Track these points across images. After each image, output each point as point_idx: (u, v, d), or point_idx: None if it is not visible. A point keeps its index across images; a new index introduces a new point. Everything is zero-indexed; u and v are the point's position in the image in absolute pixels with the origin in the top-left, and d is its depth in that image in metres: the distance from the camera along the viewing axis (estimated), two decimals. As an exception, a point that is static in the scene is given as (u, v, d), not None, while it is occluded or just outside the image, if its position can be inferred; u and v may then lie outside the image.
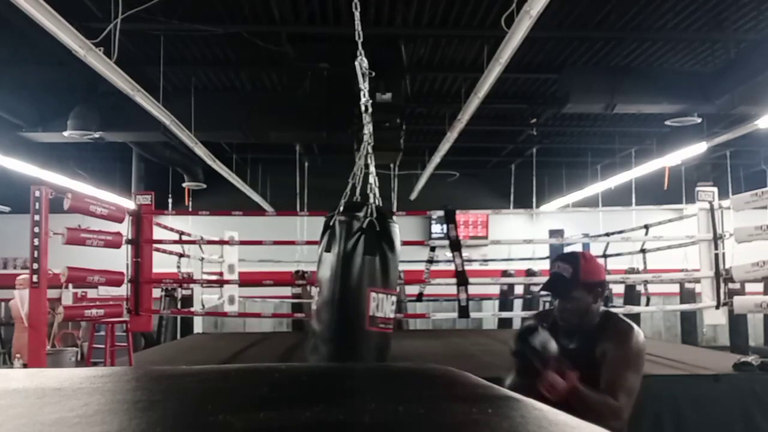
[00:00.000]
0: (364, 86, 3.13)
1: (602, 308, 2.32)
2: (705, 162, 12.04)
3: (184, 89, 8.82)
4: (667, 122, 9.00)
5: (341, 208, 2.83)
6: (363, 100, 3.13)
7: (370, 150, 3.06)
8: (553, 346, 2.11)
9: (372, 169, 3.05)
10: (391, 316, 2.83)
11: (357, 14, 3.22)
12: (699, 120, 8.60)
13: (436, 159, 9.62)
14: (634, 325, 2.26)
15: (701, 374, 4.86)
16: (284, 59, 7.75)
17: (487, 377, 1.05)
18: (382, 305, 2.76)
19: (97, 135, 8.73)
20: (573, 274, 2.26)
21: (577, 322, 2.24)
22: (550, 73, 8.70)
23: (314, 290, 2.99)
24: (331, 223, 2.83)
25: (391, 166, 12.19)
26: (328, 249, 2.79)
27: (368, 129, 3.11)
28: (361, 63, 3.11)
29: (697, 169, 12.41)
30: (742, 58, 7.35)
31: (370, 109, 3.13)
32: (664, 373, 4.92)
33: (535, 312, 2.28)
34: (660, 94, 8.10)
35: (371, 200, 2.90)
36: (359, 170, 3.03)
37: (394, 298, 2.85)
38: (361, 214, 2.79)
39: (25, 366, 5.33)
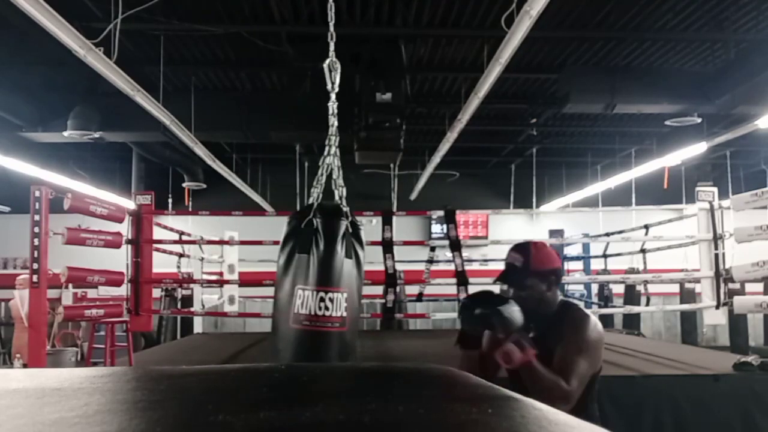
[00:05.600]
0: (334, 85, 3.21)
1: (561, 298, 2.35)
2: (705, 162, 12.04)
3: (184, 89, 8.82)
4: (667, 122, 8.99)
5: (313, 211, 2.83)
6: (332, 98, 3.21)
7: (336, 152, 3.09)
8: (519, 318, 2.08)
9: (339, 170, 3.08)
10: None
11: (331, 14, 3.32)
12: (699, 120, 8.60)
13: (436, 159, 9.62)
14: (592, 315, 2.29)
15: (701, 374, 4.85)
16: (284, 59, 7.75)
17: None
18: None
19: (97, 135, 8.73)
20: (524, 263, 2.28)
21: (533, 310, 2.22)
22: (550, 73, 8.70)
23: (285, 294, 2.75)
24: (304, 226, 2.81)
25: (391, 166, 12.21)
26: (304, 251, 2.74)
27: (333, 129, 3.16)
28: (332, 64, 3.19)
29: (697, 169, 12.41)
30: (742, 58, 7.35)
31: (335, 110, 3.21)
32: (664, 373, 4.93)
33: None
34: (660, 94, 8.09)
35: (343, 202, 2.93)
36: (326, 170, 3.04)
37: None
38: (341, 217, 2.80)
39: (25, 366, 5.33)
